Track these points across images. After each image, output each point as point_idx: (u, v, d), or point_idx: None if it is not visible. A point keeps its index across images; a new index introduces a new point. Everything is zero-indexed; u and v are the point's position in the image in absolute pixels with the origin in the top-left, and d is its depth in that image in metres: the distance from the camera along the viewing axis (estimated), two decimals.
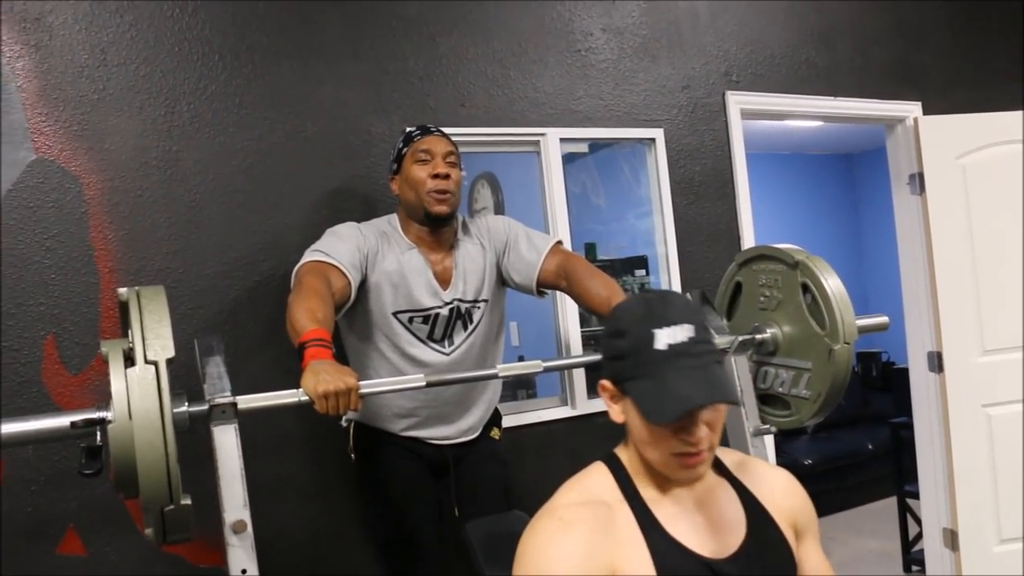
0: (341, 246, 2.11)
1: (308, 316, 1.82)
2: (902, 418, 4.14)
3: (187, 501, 1.46)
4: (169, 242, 2.38)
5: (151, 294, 1.55)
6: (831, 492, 5.37)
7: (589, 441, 2.93)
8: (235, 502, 1.60)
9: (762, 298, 2.28)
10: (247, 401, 1.66)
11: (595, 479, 1.37)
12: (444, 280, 2.23)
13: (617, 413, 1.34)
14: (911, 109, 3.75)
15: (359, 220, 2.30)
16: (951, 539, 3.67)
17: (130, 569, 2.27)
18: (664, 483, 1.35)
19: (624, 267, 3.57)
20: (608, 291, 2.12)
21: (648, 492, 1.34)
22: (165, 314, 1.51)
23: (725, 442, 2.20)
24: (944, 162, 3.63)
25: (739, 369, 2.17)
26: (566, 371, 2.96)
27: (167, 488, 1.41)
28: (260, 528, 2.40)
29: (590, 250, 3.76)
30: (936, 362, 3.66)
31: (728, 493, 1.40)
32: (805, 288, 2.14)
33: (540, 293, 2.31)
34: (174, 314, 2.30)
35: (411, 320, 2.19)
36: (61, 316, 2.26)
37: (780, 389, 2.24)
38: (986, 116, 3.71)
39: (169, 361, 1.46)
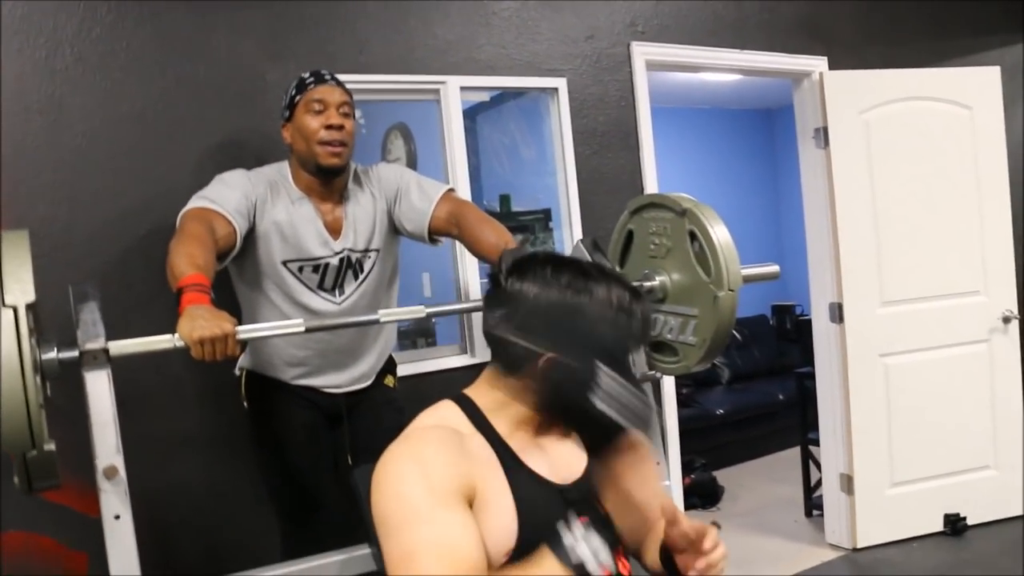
0: (228, 193, 2.08)
1: (187, 261, 1.80)
2: (807, 368, 4.27)
3: (51, 447, 1.44)
4: (54, 189, 2.32)
5: (12, 238, 1.51)
6: (742, 442, 5.55)
7: None
8: (107, 448, 1.58)
9: (652, 246, 2.31)
10: (120, 347, 1.64)
11: (448, 412, 1.40)
12: (335, 230, 2.21)
13: None
14: (818, 64, 3.81)
15: (252, 168, 2.26)
16: (847, 483, 3.83)
17: (14, 521, 2.24)
18: (514, 422, 1.39)
19: (531, 220, 3.59)
20: (498, 237, 2.13)
21: (500, 427, 1.38)
22: (27, 258, 1.47)
23: None
24: (848, 117, 3.72)
25: None
26: (465, 319, 2.98)
27: (28, 433, 1.39)
28: (152, 480, 2.41)
29: (504, 202, 3.77)
30: (837, 313, 3.78)
31: (571, 433, 1.46)
32: (693, 236, 2.17)
33: (432, 241, 2.31)
34: (59, 264, 2.30)
35: (301, 269, 2.18)
36: None
37: (668, 336, 2.29)
38: (889, 72, 3.80)
39: (30, 306, 1.43)
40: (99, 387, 1.61)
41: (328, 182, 2.21)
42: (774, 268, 2.36)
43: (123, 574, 1.58)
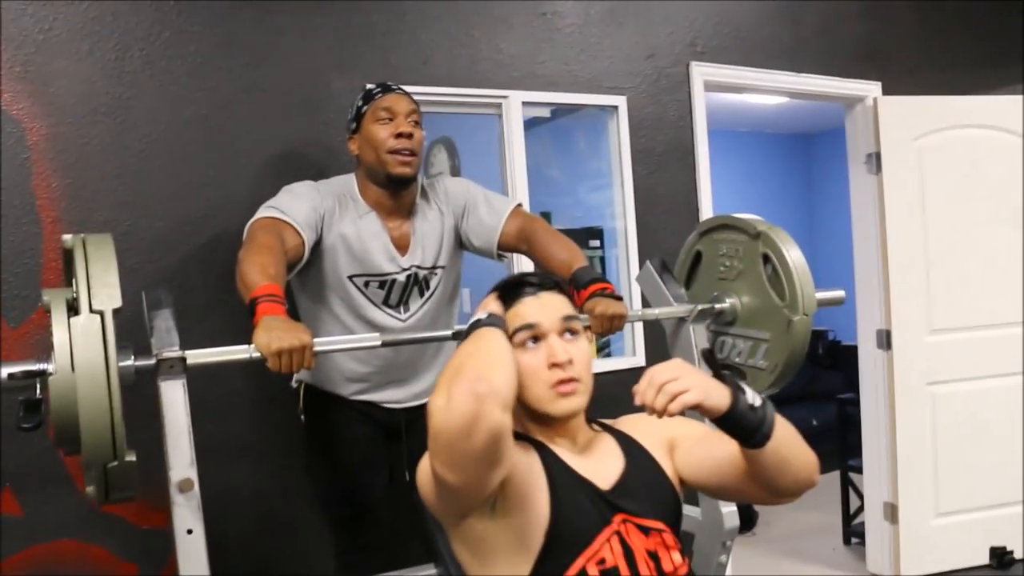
0: (297, 204, 2.04)
1: (260, 271, 1.77)
2: (848, 394, 4.20)
3: (131, 458, 1.40)
4: (116, 193, 2.30)
5: (98, 241, 1.48)
6: None
7: None
8: (182, 460, 1.55)
9: (722, 268, 2.27)
10: (196, 356, 1.61)
11: None
12: (402, 246, 2.17)
13: None
14: (871, 89, 3.76)
15: (315, 177, 2.23)
16: (891, 512, 3.75)
17: (69, 530, 2.21)
18: (552, 432, 1.49)
19: (578, 238, 3.55)
20: (568, 254, 2.09)
21: (539, 435, 1.49)
22: (112, 262, 1.44)
23: None
24: (901, 143, 3.67)
25: (696, 337, 2.16)
26: None
27: (111, 444, 1.35)
28: (206, 489, 2.37)
29: (545, 219, 3.74)
30: (885, 340, 3.72)
31: (608, 441, 1.56)
32: (766, 259, 2.13)
33: (499, 257, 2.27)
34: (120, 269, 2.25)
35: (367, 284, 2.14)
36: (1, 267, 2.17)
37: (737, 359, 2.24)
38: (945, 99, 3.75)
39: (116, 311, 1.39)
40: (175, 397, 1.57)
41: (397, 195, 2.17)
42: (840, 293, 2.31)
43: None
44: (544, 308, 1.48)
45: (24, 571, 2.16)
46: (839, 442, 4.35)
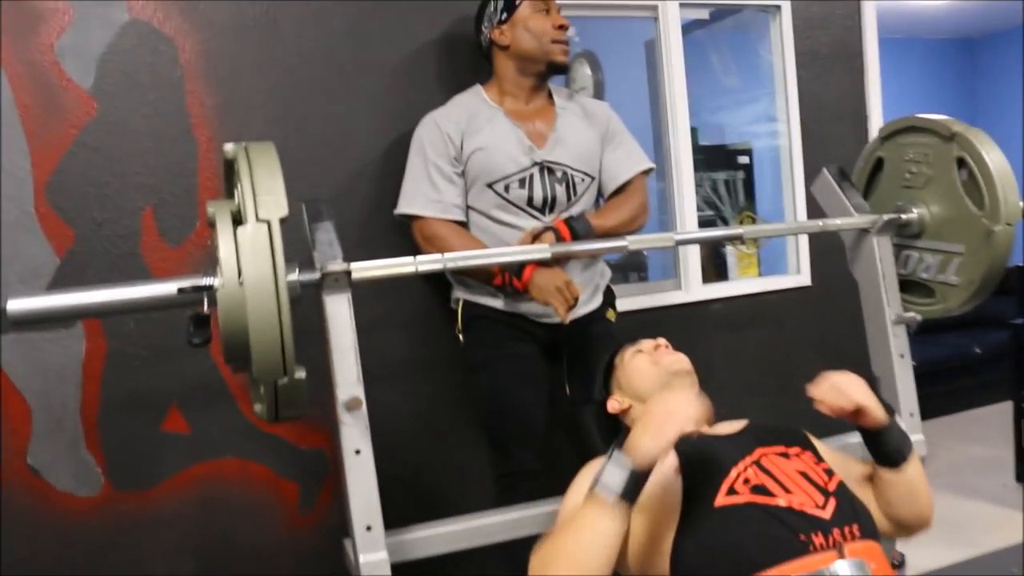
0: (441, 182, 2.11)
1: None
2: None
3: (301, 374, 1.36)
4: (268, 108, 2.26)
5: (261, 148, 1.42)
6: (933, 397, 5.14)
7: (703, 329, 2.79)
8: (349, 377, 1.51)
9: (908, 175, 2.06)
10: (361, 269, 1.56)
11: None
12: (538, 139, 2.16)
13: None
14: None
15: (463, 80, 2.25)
16: None
17: (233, 448, 2.25)
18: None
19: (726, 157, 3.34)
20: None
21: None
22: (277, 169, 1.38)
23: (861, 333, 2.04)
24: None
25: (881, 251, 1.98)
26: (679, 253, 2.80)
27: (281, 358, 1.31)
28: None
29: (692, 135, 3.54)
30: None
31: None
32: (961, 163, 1.92)
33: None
34: None
35: (507, 188, 2.11)
36: (159, 187, 2.18)
37: (924, 275, 2.05)
38: None
39: (283, 220, 1.33)
40: (341, 312, 1.53)
41: (539, 89, 2.20)
42: None
43: (365, 511, 1.50)
44: None
45: (190, 487, 2.21)
46: (1013, 371, 4.02)
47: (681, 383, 1.60)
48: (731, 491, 1.38)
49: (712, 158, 3.28)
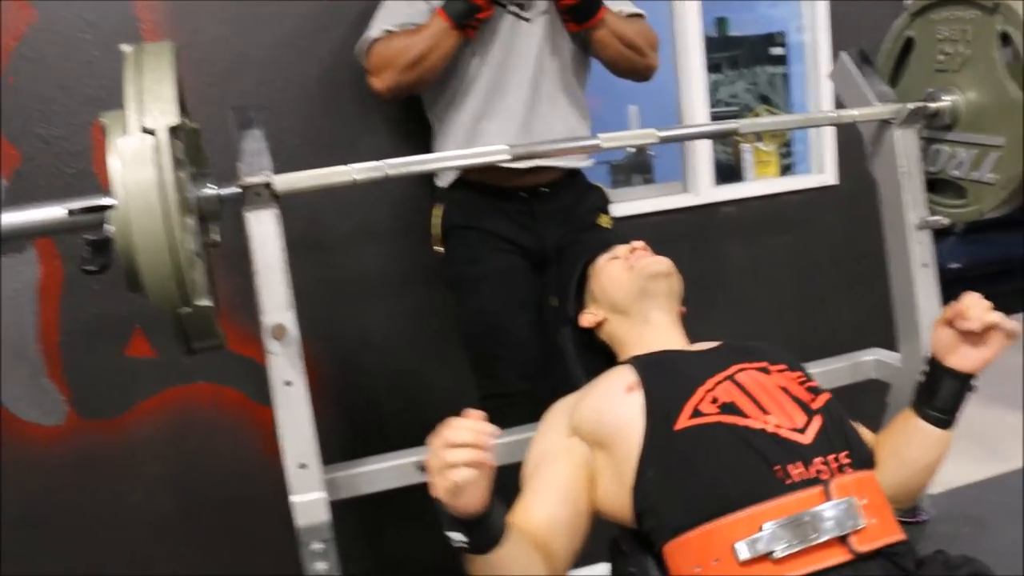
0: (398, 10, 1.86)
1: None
2: None
3: (206, 302, 1.20)
4: (220, 8, 2.05)
5: (155, 50, 1.23)
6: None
7: (714, 235, 2.55)
8: (275, 301, 1.35)
9: (941, 56, 1.80)
10: (288, 182, 1.38)
11: None
12: None
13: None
14: None
15: None
16: None
17: (204, 373, 2.12)
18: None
19: (757, 47, 3.04)
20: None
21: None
22: (169, 73, 1.19)
23: (878, 239, 1.81)
24: None
25: (904, 146, 1.73)
26: (688, 151, 2.55)
27: (175, 285, 1.14)
28: (334, 328, 2.21)
29: (721, 26, 3.22)
30: None
31: None
32: (1005, 39, 1.65)
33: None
34: (233, 92, 2.05)
35: None
36: (108, 99, 1.95)
37: (955, 172, 1.80)
38: None
39: (174, 129, 1.15)
40: (264, 229, 1.36)
41: None
42: None
43: (298, 448, 1.36)
44: None
45: (161, 414, 2.10)
46: None
47: (658, 288, 1.44)
48: (696, 412, 1.21)
49: (745, 51, 3.00)
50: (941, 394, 1.28)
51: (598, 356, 1.55)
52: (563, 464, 1.26)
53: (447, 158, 1.55)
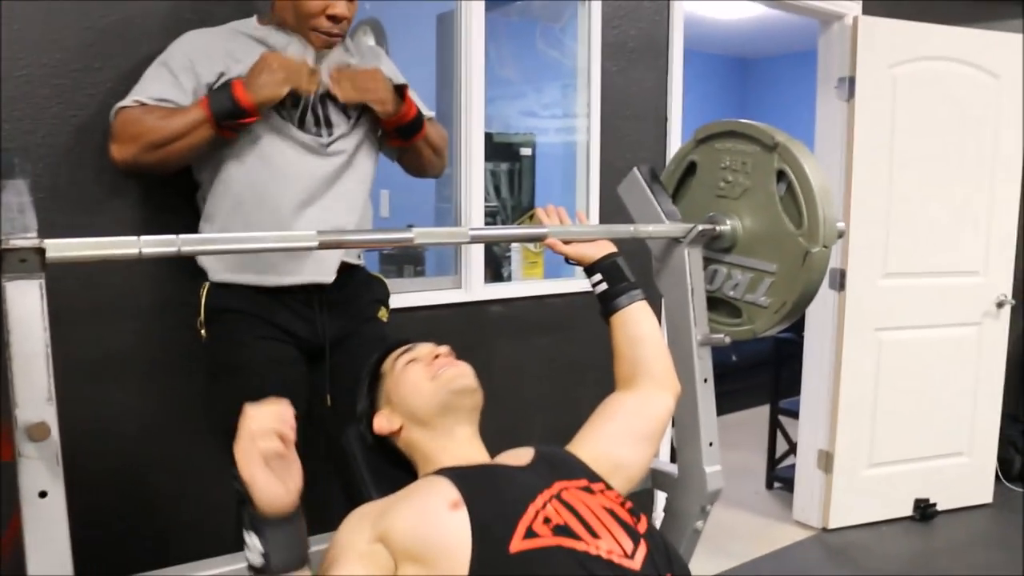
0: (163, 80, 1.72)
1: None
2: (788, 333, 3.99)
3: None
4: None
5: None
6: None
7: (483, 332, 2.53)
8: (35, 394, 1.09)
9: (723, 184, 1.91)
10: (61, 248, 1.14)
11: None
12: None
13: None
14: (852, 7, 3.42)
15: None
16: (826, 461, 3.58)
17: None
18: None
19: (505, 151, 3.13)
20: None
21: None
22: None
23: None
24: (877, 69, 3.37)
25: (692, 265, 1.81)
26: (460, 250, 2.53)
27: None
28: (75, 415, 1.88)
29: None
30: (838, 280, 3.48)
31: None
32: (780, 176, 1.78)
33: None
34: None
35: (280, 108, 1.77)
36: None
37: (731, 293, 1.90)
38: (928, 27, 3.45)
39: None
40: (27, 304, 1.10)
41: None
42: (841, 225, 1.98)
43: (51, 570, 1.10)
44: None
45: None
46: (772, 383, 4.14)
47: (463, 404, 1.36)
48: (530, 532, 1.14)
49: (494, 149, 3.07)
50: (613, 278, 1.62)
51: (392, 463, 1.43)
52: (362, 568, 1.14)
53: (252, 239, 1.36)
